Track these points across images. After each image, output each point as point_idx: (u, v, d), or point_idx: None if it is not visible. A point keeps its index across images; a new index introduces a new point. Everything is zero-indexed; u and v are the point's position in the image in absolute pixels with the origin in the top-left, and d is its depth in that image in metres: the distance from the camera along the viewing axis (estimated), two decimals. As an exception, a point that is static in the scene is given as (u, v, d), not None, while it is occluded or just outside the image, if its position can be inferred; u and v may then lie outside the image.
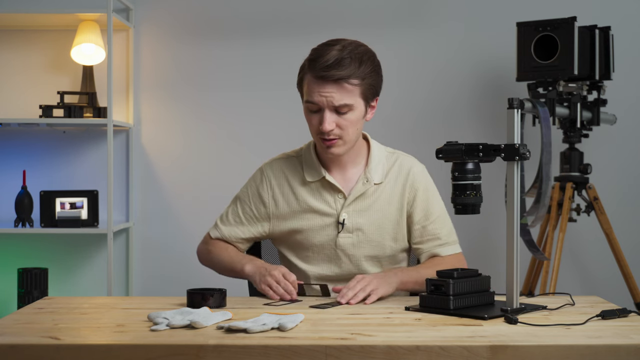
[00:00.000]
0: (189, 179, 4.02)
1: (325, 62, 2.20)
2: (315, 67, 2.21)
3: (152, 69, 4.01)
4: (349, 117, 2.24)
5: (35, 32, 3.99)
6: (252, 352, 1.61)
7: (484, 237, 3.94)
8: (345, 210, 2.33)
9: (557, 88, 3.51)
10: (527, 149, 1.97)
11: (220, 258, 2.43)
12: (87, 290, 3.99)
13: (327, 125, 2.22)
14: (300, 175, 2.38)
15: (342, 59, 2.20)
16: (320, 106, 2.23)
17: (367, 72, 2.23)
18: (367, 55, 2.25)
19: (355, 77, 2.21)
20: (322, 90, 2.21)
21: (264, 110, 4.00)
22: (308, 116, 2.27)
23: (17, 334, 1.74)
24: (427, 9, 3.98)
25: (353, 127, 2.26)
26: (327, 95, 2.21)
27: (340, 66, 2.19)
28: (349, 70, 2.20)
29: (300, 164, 2.39)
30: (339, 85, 2.21)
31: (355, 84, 2.22)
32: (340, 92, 2.21)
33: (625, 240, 3.77)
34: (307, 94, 2.25)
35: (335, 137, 2.25)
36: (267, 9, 4.00)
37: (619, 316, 1.90)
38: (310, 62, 2.24)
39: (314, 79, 2.22)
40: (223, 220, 2.47)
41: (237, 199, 2.46)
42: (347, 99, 2.22)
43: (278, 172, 2.40)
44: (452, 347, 1.61)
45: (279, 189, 2.39)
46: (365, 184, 2.34)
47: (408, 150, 2.48)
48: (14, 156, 3.98)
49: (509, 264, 1.98)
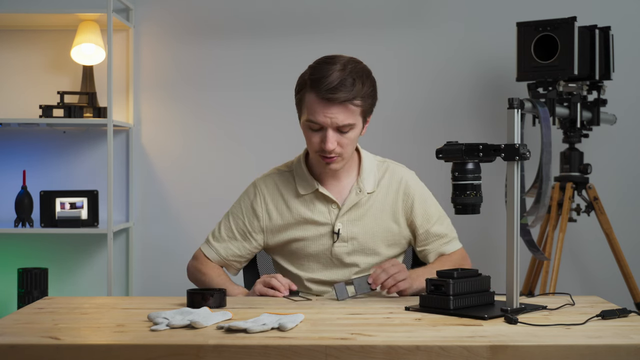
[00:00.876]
0: (189, 179, 4.02)
1: (329, 83, 2.20)
2: (319, 88, 2.21)
3: (152, 69, 4.01)
4: (349, 136, 2.26)
5: (35, 32, 3.99)
6: (252, 352, 1.61)
7: (484, 237, 3.94)
8: (340, 220, 2.35)
9: (557, 88, 3.51)
10: (527, 149, 1.97)
11: (212, 283, 2.40)
12: (87, 290, 3.99)
13: (330, 145, 2.24)
14: (293, 188, 2.40)
15: (345, 80, 2.21)
16: (322, 126, 2.24)
17: (368, 92, 2.26)
18: (365, 73, 2.27)
19: (359, 97, 2.23)
20: (327, 111, 2.22)
21: (264, 110, 4.00)
22: (308, 133, 2.28)
23: (17, 334, 1.74)
24: (427, 9, 3.98)
25: (352, 145, 2.30)
26: (332, 117, 2.22)
27: (343, 88, 2.20)
28: (354, 92, 2.21)
29: (292, 178, 2.41)
30: (344, 106, 2.22)
31: (358, 105, 2.24)
32: (345, 113, 2.22)
33: (625, 240, 3.77)
34: (310, 113, 2.24)
35: (336, 155, 2.27)
36: (267, 9, 4.00)
37: (619, 316, 1.89)
38: (313, 82, 2.23)
39: (318, 100, 2.22)
40: (215, 236, 2.45)
41: (228, 215, 2.46)
42: (351, 119, 2.24)
43: (271, 187, 2.42)
44: (452, 347, 1.61)
45: (272, 204, 2.40)
46: (359, 194, 2.37)
47: (408, 151, 2.49)
48: (14, 156, 3.98)
49: (509, 264, 1.98)
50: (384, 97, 2.57)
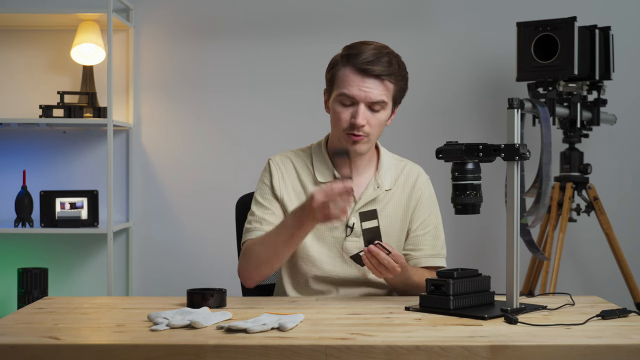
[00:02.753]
0: (189, 179, 4.01)
1: (366, 57, 2.22)
2: (356, 61, 2.22)
3: (152, 69, 4.01)
4: (379, 116, 2.25)
5: (35, 32, 3.99)
6: (252, 352, 1.61)
7: (484, 237, 3.94)
8: (355, 215, 2.32)
9: (557, 88, 3.51)
10: (527, 149, 1.97)
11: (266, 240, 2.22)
12: (87, 290, 3.99)
13: (361, 119, 2.22)
14: (310, 172, 2.36)
15: (382, 56, 2.23)
16: (355, 100, 2.23)
17: (401, 75, 2.28)
18: (400, 59, 2.30)
19: (394, 76, 2.25)
20: (363, 84, 2.22)
21: (264, 111, 4.00)
22: (338, 109, 2.26)
23: (17, 334, 1.74)
24: (427, 9, 3.98)
25: (380, 127, 2.28)
26: (367, 90, 2.22)
27: (381, 63, 2.22)
28: (391, 69, 2.24)
29: (309, 161, 2.38)
30: (380, 81, 2.23)
31: (393, 83, 2.25)
32: (380, 88, 2.23)
33: (625, 240, 3.77)
34: (344, 86, 2.23)
35: (364, 134, 2.25)
36: (267, 9, 4.00)
37: (619, 316, 1.90)
38: (350, 56, 2.24)
39: (354, 72, 2.23)
40: (251, 220, 2.34)
41: (256, 197, 2.38)
42: (384, 96, 2.24)
43: (289, 166, 2.38)
44: (452, 347, 1.61)
45: (290, 184, 2.36)
46: (376, 190, 2.34)
47: (408, 151, 2.49)
48: (14, 156, 3.98)
49: (509, 264, 1.98)
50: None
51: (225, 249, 3.58)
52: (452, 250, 3.96)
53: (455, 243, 3.92)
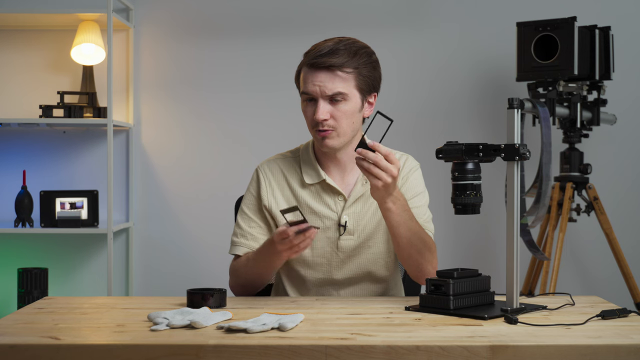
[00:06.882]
0: (189, 179, 4.02)
1: (319, 51, 2.22)
2: (308, 57, 2.24)
3: (152, 69, 4.01)
4: (342, 108, 2.23)
5: (35, 32, 3.99)
6: (252, 352, 1.61)
7: (484, 237, 3.94)
8: (346, 212, 2.32)
9: (557, 88, 3.51)
10: (527, 149, 1.97)
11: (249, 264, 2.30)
12: (87, 290, 3.99)
13: (320, 114, 2.20)
14: (298, 176, 2.36)
15: (337, 49, 2.22)
16: (314, 96, 2.23)
17: (361, 62, 2.23)
18: (363, 49, 2.26)
19: (348, 66, 2.21)
20: (315, 79, 2.22)
21: (264, 110, 4.00)
22: (304, 109, 2.27)
23: (17, 334, 1.74)
24: (427, 9, 3.98)
25: (348, 120, 2.24)
26: (320, 84, 2.21)
27: (332, 55, 2.21)
28: (342, 59, 2.21)
29: (297, 164, 2.37)
30: (332, 72, 2.21)
31: (348, 72, 2.22)
32: (333, 80, 2.21)
33: (625, 240, 3.77)
34: (303, 85, 2.26)
35: (330, 128, 2.23)
36: (267, 9, 4.00)
37: (619, 316, 1.89)
38: (306, 55, 2.27)
39: (307, 69, 2.24)
40: (237, 233, 2.38)
41: (242, 209, 2.40)
42: (340, 88, 2.21)
43: (276, 172, 2.38)
44: (452, 347, 1.61)
45: (278, 189, 2.36)
46: (365, 185, 2.33)
47: (408, 151, 2.48)
48: (14, 156, 3.98)
49: (509, 264, 1.97)
50: (384, 98, 2.57)
51: (225, 249, 3.56)
52: (452, 250, 3.99)
53: (455, 243, 3.93)
